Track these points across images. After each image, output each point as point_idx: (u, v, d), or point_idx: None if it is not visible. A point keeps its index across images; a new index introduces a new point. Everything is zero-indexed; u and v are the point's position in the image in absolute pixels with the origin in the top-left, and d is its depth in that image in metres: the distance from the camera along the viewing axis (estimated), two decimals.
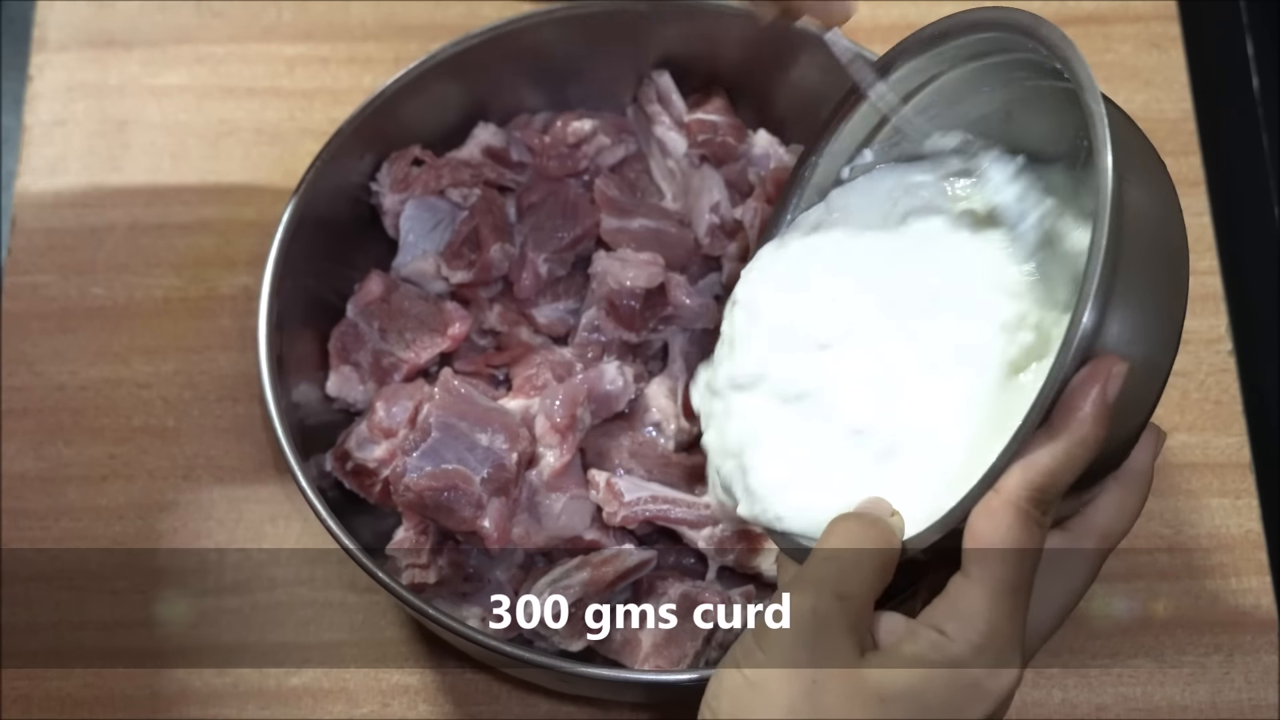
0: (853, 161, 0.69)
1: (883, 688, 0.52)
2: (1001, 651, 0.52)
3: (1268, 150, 0.90)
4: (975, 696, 0.52)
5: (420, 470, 0.69)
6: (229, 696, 0.77)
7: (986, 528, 0.52)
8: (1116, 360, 0.52)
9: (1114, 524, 0.56)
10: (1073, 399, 0.51)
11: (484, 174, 0.79)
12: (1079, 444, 0.52)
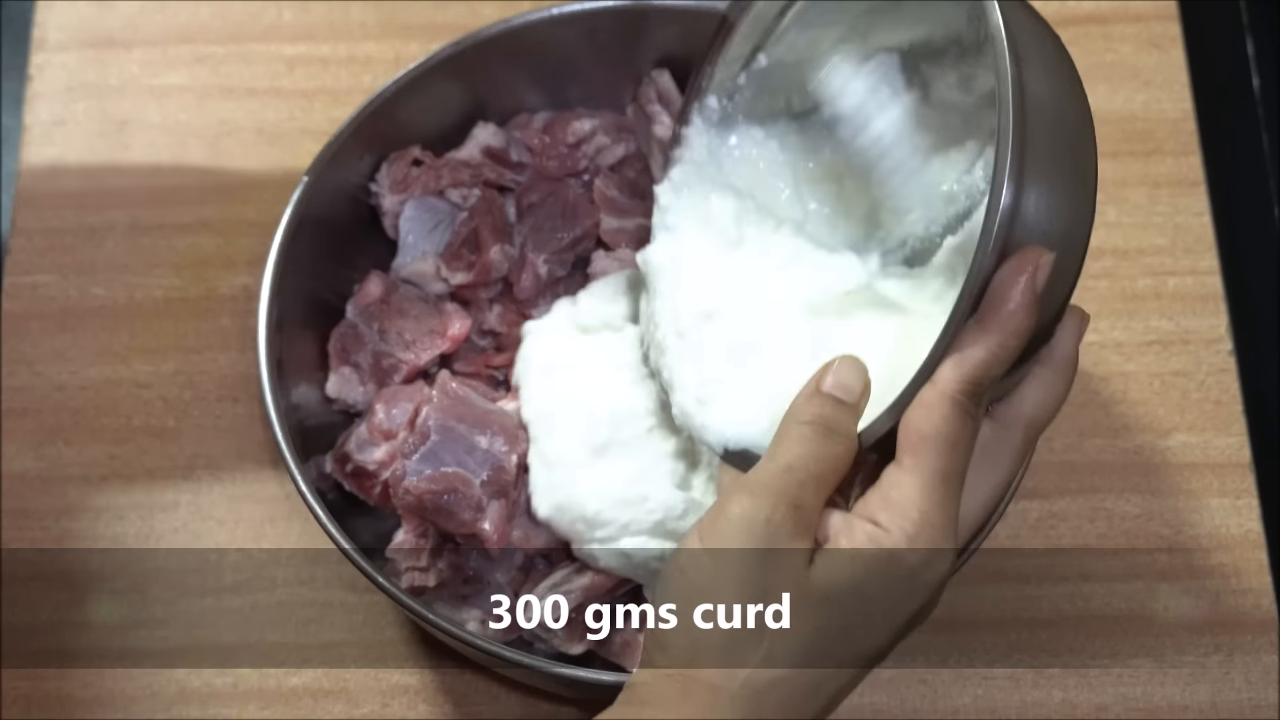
0: (748, 66, 0.69)
1: (826, 586, 0.53)
2: (934, 540, 0.53)
3: (1268, 150, 0.90)
4: (912, 586, 0.53)
5: (420, 473, 0.69)
6: (229, 696, 0.77)
7: (921, 419, 0.53)
8: (1042, 250, 0.52)
9: (1041, 410, 0.56)
10: (1001, 291, 0.52)
11: (484, 174, 0.79)
12: (1010, 335, 0.52)
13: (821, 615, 0.53)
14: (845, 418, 0.56)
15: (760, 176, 0.70)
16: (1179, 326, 0.85)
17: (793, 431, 0.55)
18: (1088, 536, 0.80)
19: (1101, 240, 0.87)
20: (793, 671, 0.53)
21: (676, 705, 0.53)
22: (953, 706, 0.77)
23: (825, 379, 0.56)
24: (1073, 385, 0.57)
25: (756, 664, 0.53)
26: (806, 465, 0.54)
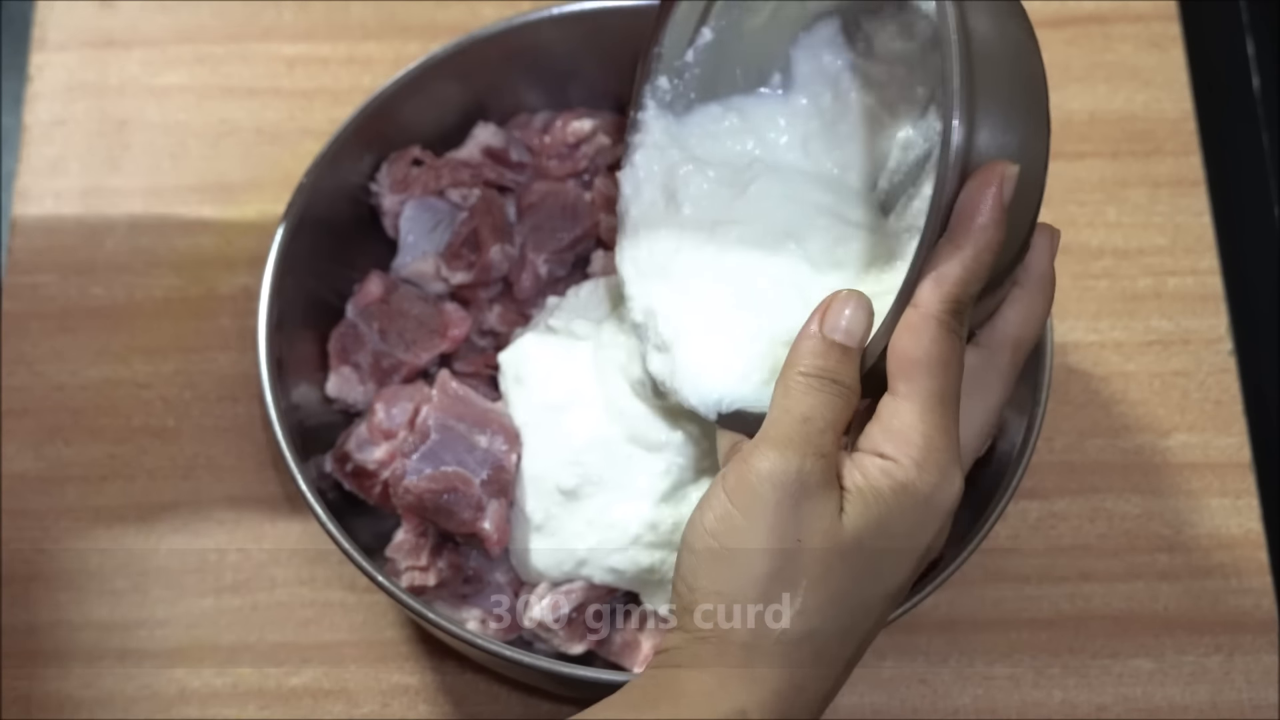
0: (694, 43, 0.69)
1: (855, 530, 0.53)
2: (942, 464, 0.53)
3: (1268, 150, 0.90)
4: (929, 513, 0.53)
5: (420, 473, 0.69)
6: (229, 696, 0.77)
7: (910, 343, 0.53)
8: (1005, 163, 0.52)
9: (1024, 330, 0.56)
10: (969, 206, 0.52)
11: (484, 174, 0.79)
12: (984, 249, 0.52)
13: (852, 560, 0.53)
14: (850, 362, 0.55)
15: (725, 148, 0.70)
16: (1179, 326, 0.85)
17: (797, 382, 0.54)
18: (1088, 536, 0.80)
19: (1101, 240, 0.87)
20: (825, 620, 0.53)
21: (711, 664, 0.53)
22: (953, 706, 0.77)
23: (826, 320, 0.55)
24: (1052, 302, 0.57)
25: (790, 619, 0.53)
26: (822, 414, 0.54)
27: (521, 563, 0.71)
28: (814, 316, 0.55)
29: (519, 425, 0.72)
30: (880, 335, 0.55)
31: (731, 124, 0.70)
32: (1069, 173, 0.88)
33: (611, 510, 0.69)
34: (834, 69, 0.68)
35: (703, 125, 0.70)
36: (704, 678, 0.53)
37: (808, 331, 0.55)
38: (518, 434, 0.72)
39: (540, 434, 0.71)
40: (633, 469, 0.69)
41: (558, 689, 0.75)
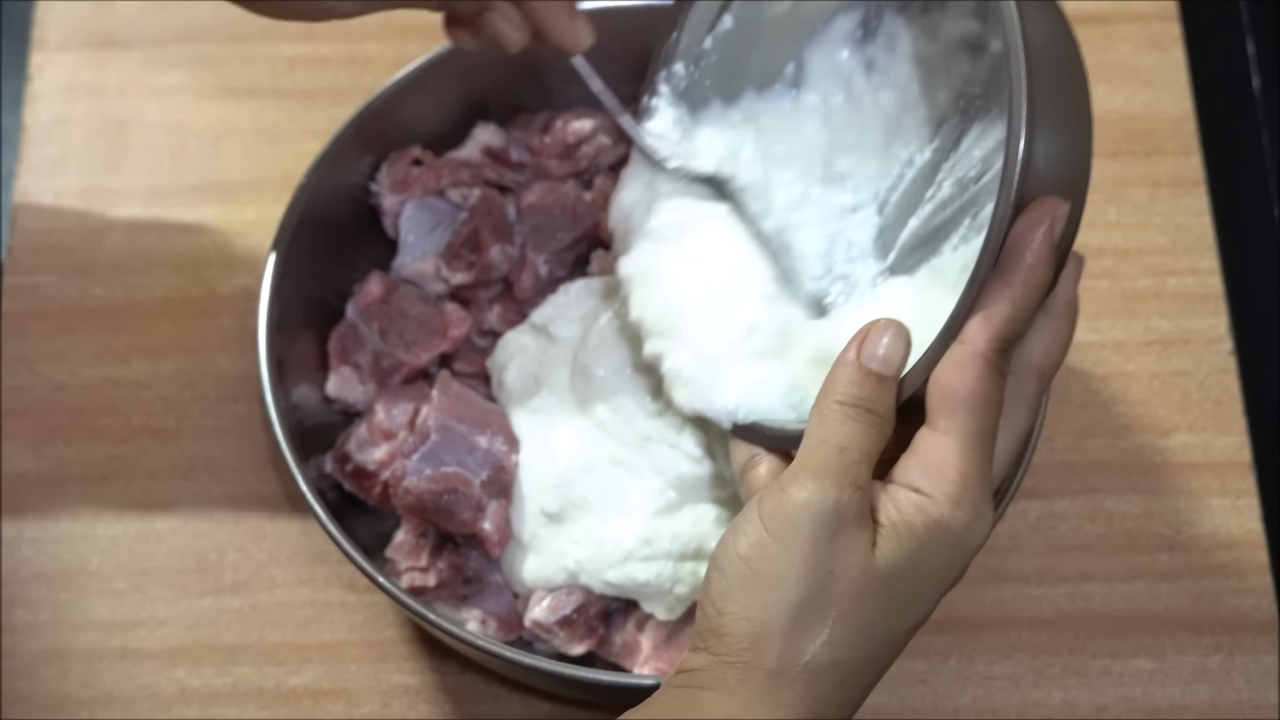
0: (714, 30, 0.69)
1: (888, 565, 0.53)
2: (976, 503, 0.53)
3: (1268, 150, 0.90)
4: (961, 550, 0.54)
5: (420, 473, 0.69)
6: (229, 696, 0.77)
7: (955, 380, 0.53)
8: (1058, 201, 0.52)
9: (1049, 358, 0.56)
10: (1021, 244, 0.52)
11: (484, 174, 0.79)
12: (1034, 288, 0.52)
13: (882, 594, 0.53)
14: (887, 393, 0.55)
15: (739, 158, 0.70)
16: (1179, 326, 0.85)
17: (835, 411, 0.54)
18: (1088, 536, 0.80)
19: (1102, 240, 0.87)
20: (852, 650, 0.53)
21: (736, 689, 0.53)
22: (953, 706, 0.77)
23: (864, 348, 0.55)
24: (1075, 329, 0.57)
25: (817, 648, 0.53)
26: (858, 444, 0.54)
27: (512, 578, 0.71)
28: (851, 344, 0.55)
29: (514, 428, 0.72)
30: (920, 368, 0.54)
31: (747, 135, 0.69)
32: None
33: (600, 529, 0.69)
34: (848, 68, 0.68)
35: (718, 130, 0.69)
36: (729, 701, 0.53)
37: (845, 359, 0.55)
38: (518, 435, 0.72)
39: (527, 446, 0.71)
40: (620, 490, 0.69)
41: (558, 689, 0.75)
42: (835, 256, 0.68)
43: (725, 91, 0.70)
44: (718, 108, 0.70)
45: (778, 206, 0.68)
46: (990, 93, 0.63)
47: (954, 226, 0.63)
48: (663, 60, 0.69)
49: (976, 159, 0.63)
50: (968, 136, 0.64)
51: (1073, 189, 0.53)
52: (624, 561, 0.69)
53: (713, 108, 0.70)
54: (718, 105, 0.70)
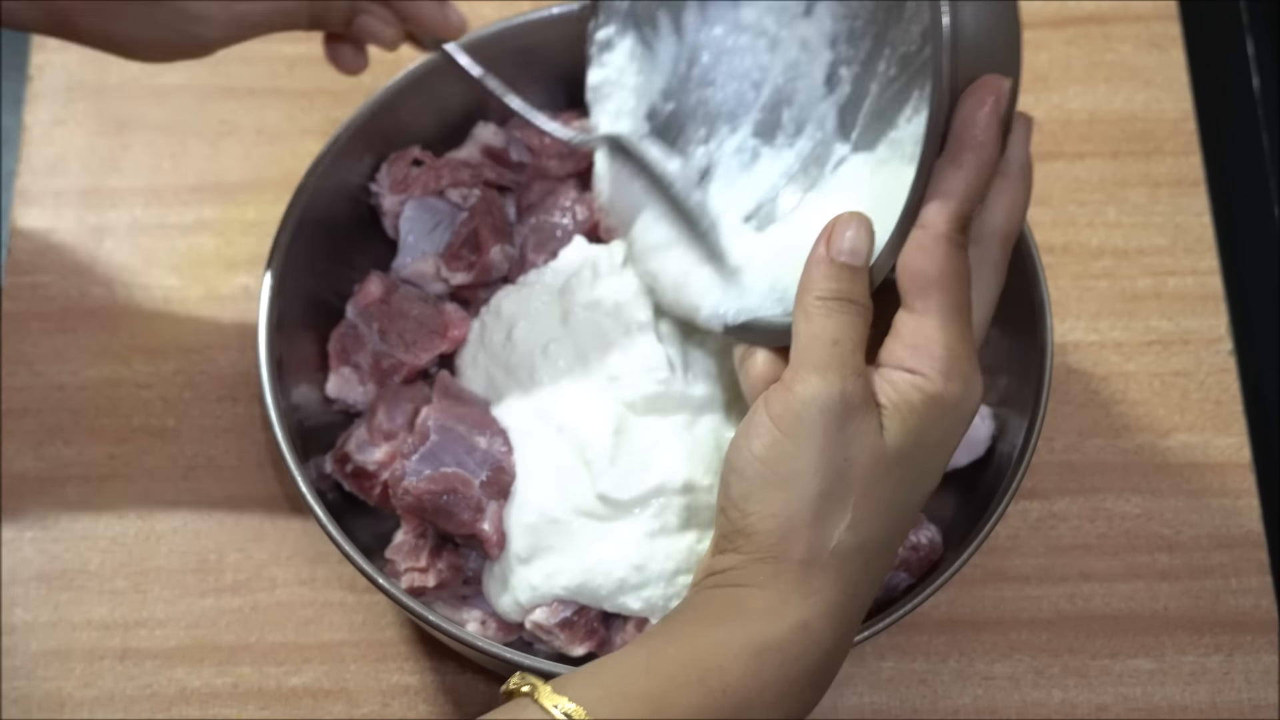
0: None
1: (897, 444, 0.56)
2: (965, 372, 0.56)
3: (1268, 150, 0.90)
4: (957, 419, 0.57)
5: (419, 473, 0.69)
6: (229, 696, 0.77)
7: (923, 263, 0.55)
8: (1000, 79, 0.54)
9: (1009, 221, 0.58)
10: (969, 125, 0.54)
11: (484, 174, 0.79)
12: (985, 165, 0.54)
13: (894, 471, 0.56)
14: (861, 282, 0.57)
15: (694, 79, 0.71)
16: (1179, 326, 0.85)
17: (818, 307, 0.57)
18: (1088, 536, 0.80)
19: (1101, 240, 0.87)
20: (874, 530, 0.56)
21: (771, 582, 0.55)
22: (953, 706, 0.77)
23: (832, 243, 0.57)
24: (1032, 188, 0.58)
25: (842, 533, 0.55)
26: (848, 334, 0.56)
27: (496, 606, 0.71)
28: (819, 241, 0.58)
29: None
30: (886, 253, 0.56)
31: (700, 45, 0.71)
32: (1069, 173, 0.88)
33: (585, 559, 0.69)
34: None
35: (672, 68, 0.71)
36: (765, 594, 0.55)
37: (816, 256, 0.57)
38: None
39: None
40: (592, 536, 0.69)
41: None
42: (801, 144, 0.70)
43: (669, 3, 0.70)
44: (666, 25, 0.71)
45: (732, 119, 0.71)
46: None
47: (905, 99, 0.64)
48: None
49: (915, 34, 0.64)
50: (904, 11, 0.65)
51: (1007, 61, 0.54)
52: (615, 594, 0.69)
53: (661, 26, 0.71)
54: (665, 22, 0.71)
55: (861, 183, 0.65)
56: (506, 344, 0.73)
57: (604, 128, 0.70)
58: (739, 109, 0.71)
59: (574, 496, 0.69)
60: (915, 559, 0.71)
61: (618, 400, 0.70)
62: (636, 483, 0.68)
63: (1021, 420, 0.71)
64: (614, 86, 0.71)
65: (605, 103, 0.71)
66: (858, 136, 0.67)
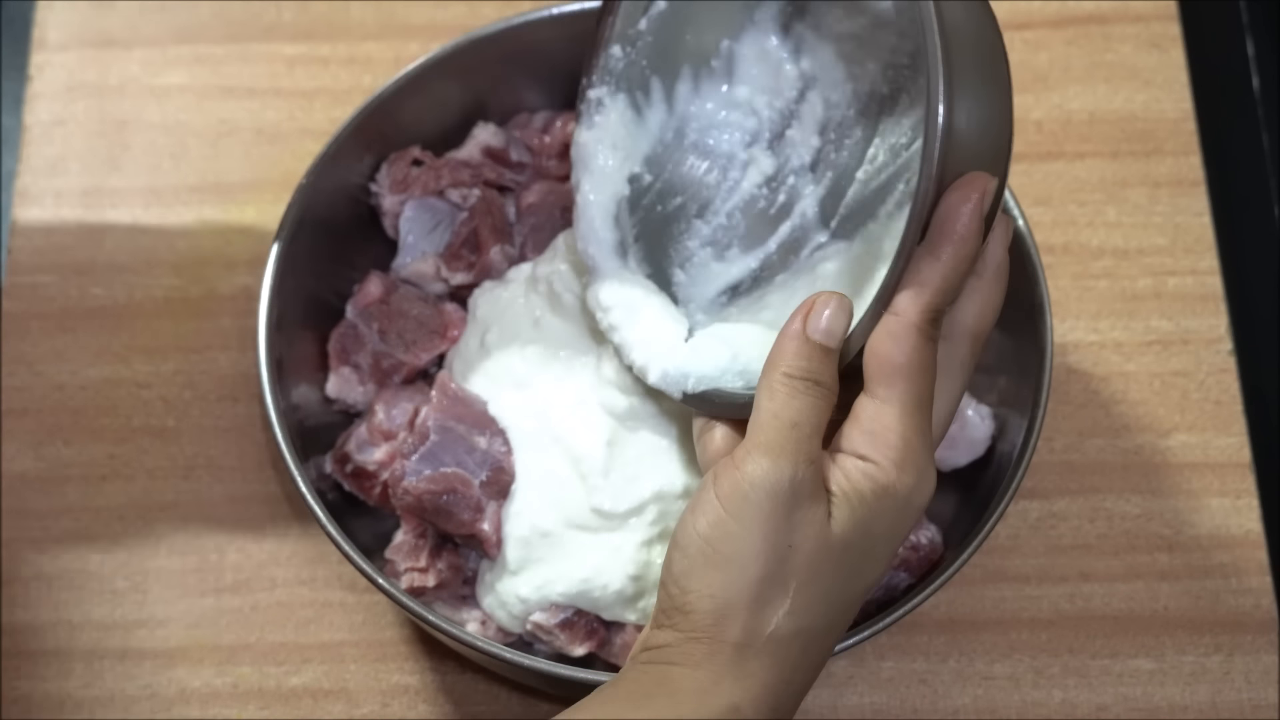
0: (647, 13, 0.69)
1: (843, 534, 0.55)
2: (920, 465, 0.55)
3: (1268, 150, 0.90)
4: (907, 512, 0.56)
5: (419, 473, 0.69)
6: (229, 696, 0.77)
7: (891, 350, 0.54)
8: (987, 177, 0.53)
9: (981, 321, 0.57)
10: (950, 218, 0.53)
11: (483, 174, 0.79)
12: (963, 259, 0.54)
13: (839, 560, 0.55)
14: (831, 364, 0.56)
15: (675, 152, 0.71)
16: (1179, 326, 0.85)
17: (783, 385, 0.56)
18: (1088, 536, 0.80)
19: (1101, 240, 0.87)
20: (814, 618, 0.55)
21: (704, 663, 0.55)
22: (953, 706, 0.77)
23: (809, 321, 0.57)
24: (1006, 290, 0.58)
25: (780, 618, 0.55)
26: (808, 418, 0.55)
27: (490, 615, 0.72)
28: (796, 316, 0.57)
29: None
30: (855, 336, 0.56)
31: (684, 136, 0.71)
32: (1069, 173, 0.88)
33: (581, 569, 0.69)
34: (777, 55, 0.69)
35: (659, 136, 0.71)
36: (697, 675, 0.55)
37: (790, 331, 0.57)
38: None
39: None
40: (586, 547, 0.69)
41: (558, 690, 0.75)
42: (779, 226, 0.69)
43: (662, 71, 0.70)
44: (657, 92, 0.71)
45: (718, 183, 0.71)
46: (917, 63, 0.64)
47: (889, 192, 0.64)
48: (601, 44, 0.70)
49: (906, 127, 0.65)
50: (899, 105, 0.65)
51: (995, 161, 0.55)
52: (613, 605, 0.69)
53: (653, 93, 0.71)
54: (657, 89, 0.70)
55: (835, 270, 0.65)
56: (480, 350, 0.73)
57: (585, 187, 0.70)
58: (721, 185, 0.71)
59: (567, 509, 0.69)
60: (915, 559, 0.71)
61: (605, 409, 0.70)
62: (632, 494, 0.68)
63: (1021, 420, 0.71)
64: (600, 146, 0.70)
65: (590, 161, 0.70)
66: (837, 225, 0.67)
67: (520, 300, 0.74)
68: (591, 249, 0.69)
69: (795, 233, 0.69)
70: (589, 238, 0.69)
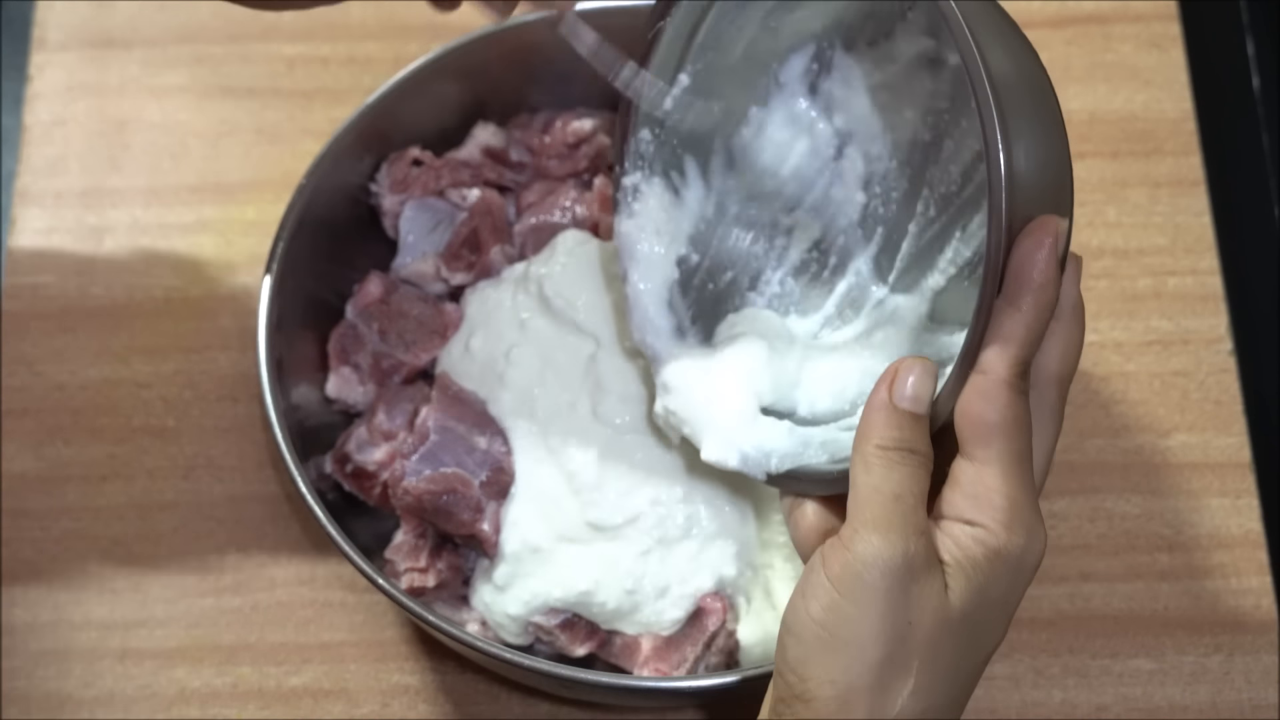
0: (673, 90, 0.67)
1: (961, 605, 0.53)
2: (1028, 523, 0.53)
3: (1268, 150, 0.90)
4: (1023, 571, 0.54)
5: (419, 474, 0.69)
6: (229, 696, 0.77)
7: (984, 409, 0.53)
8: (1056, 220, 0.52)
9: (1067, 364, 0.56)
10: (1026, 267, 0.52)
11: (483, 174, 0.79)
12: (1044, 308, 0.53)
13: (961, 633, 0.53)
14: (923, 430, 0.55)
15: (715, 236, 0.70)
16: (1179, 326, 0.85)
17: (879, 458, 0.54)
18: (1088, 536, 0.80)
19: (1102, 240, 0.87)
20: (937, 695, 0.54)
21: None
22: None
23: (895, 390, 0.55)
24: (1084, 329, 0.57)
25: (905, 699, 0.53)
26: (910, 489, 0.53)
27: (488, 620, 0.72)
28: (880, 386, 0.55)
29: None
30: (943, 399, 0.54)
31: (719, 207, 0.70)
32: None
33: (577, 582, 0.69)
34: (807, 117, 0.67)
35: (697, 204, 0.70)
36: None
37: (878, 402, 0.55)
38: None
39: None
40: (579, 559, 0.69)
41: (558, 691, 0.75)
42: (836, 287, 0.68)
43: (694, 148, 0.69)
44: (693, 170, 0.69)
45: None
46: (957, 106, 0.62)
47: (945, 241, 0.63)
48: (630, 129, 0.68)
49: (955, 174, 0.63)
50: (943, 151, 0.64)
51: (1059, 199, 0.53)
52: (611, 619, 0.70)
53: (689, 171, 0.69)
54: (692, 167, 0.69)
55: (902, 329, 0.63)
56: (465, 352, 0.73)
57: (634, 277, 0.68)
58: (769, 254, 0.70)
59: (559, 522, 0.69)
60: None
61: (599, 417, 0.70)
62: (628, 506, 0.68)
63: None
64: (644, 233, 0.68)
65: (635, 249, 0.68)
66: (895, 279, 0.66)
67: (508, 301, 0.74)
68: (649, 339, 0.68)
69: (853, 292, 0.68)
70: (645, 328, 0.68)
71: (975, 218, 0.62)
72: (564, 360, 0.71)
